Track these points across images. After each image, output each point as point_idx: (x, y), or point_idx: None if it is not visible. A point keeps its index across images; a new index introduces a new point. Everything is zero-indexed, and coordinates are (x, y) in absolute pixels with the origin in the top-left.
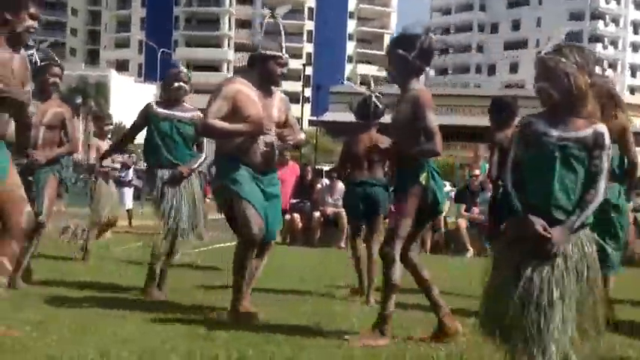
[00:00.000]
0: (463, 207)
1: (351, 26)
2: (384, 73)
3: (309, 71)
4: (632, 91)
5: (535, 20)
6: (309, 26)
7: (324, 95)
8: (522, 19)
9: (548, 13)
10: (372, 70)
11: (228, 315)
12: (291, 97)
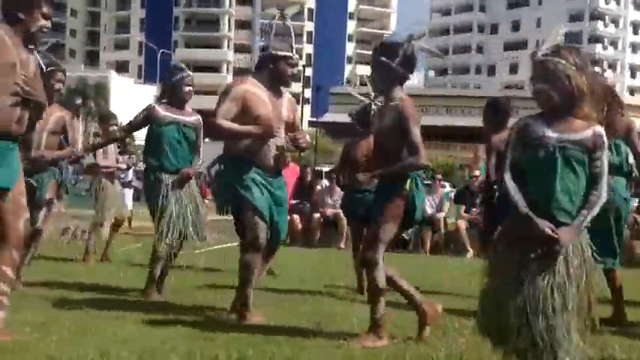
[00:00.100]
0: (463, 208)
1: (351, 27)
2: None
3: (309, 72)
4: (632, 92)
5: (535, 21)
6: (309, 27)
7: (324, 96)
8: (522, 20)
9: (548, 13)
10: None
11: (228, 314)
12: None
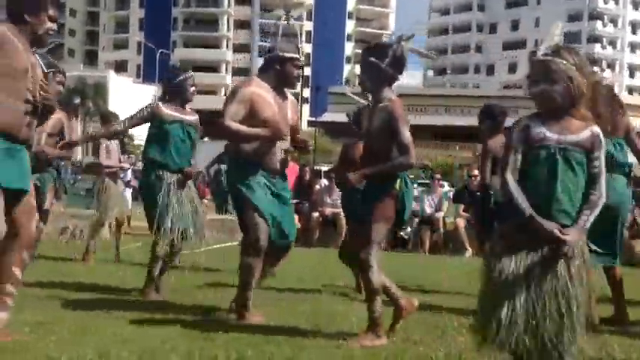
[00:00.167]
0: (462, 207)
1: (350, 27)
2: None
3: (308, 72)
4: (631, 91)
5: (534, 20)
6: (308, 27)
7: (323, 96)
8: (521, 20)
9: (547, 13)
10: None
11: (228, 314)
12: None
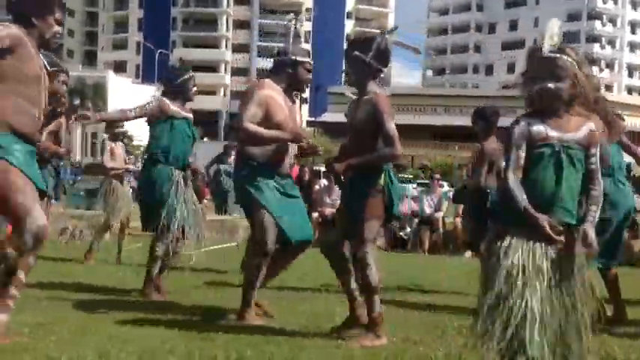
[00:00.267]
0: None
1: (349, 27)
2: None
3: None
4: (630, 91)
5: (532, 20)
6: (307, 27)
7: (323, 96)
8: (520, 20)
9: (546, 13)
10: None
11: (228, 314)
12: None
